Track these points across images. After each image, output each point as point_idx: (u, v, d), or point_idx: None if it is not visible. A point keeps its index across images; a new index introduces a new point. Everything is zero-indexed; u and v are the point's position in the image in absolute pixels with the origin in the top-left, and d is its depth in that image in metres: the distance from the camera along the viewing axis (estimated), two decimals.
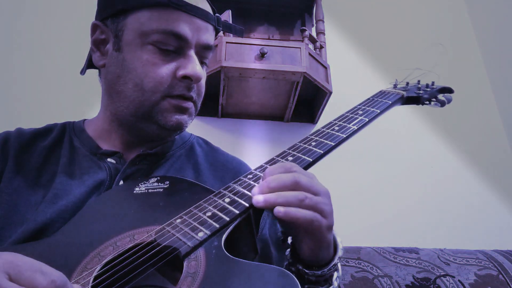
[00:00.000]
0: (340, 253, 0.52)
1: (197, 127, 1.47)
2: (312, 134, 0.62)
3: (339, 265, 0.52)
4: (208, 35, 0.63)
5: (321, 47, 1.55)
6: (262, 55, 1.37)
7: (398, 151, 1.61)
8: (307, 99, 1.57)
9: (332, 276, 0.51)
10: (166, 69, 0.60)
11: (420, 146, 1.63)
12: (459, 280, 0.95)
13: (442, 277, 0.96)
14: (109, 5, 0.63)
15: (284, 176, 0.48)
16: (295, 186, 0.48)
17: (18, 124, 0.70)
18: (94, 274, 0.41)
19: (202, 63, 0.65)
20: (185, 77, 0.60)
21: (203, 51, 0.64)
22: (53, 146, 0.65)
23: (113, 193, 0.57)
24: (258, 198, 0.47)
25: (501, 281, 0.96)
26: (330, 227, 0.49)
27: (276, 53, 1.40)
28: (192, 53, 0.61)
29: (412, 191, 1.52)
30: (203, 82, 0.66)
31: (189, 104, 0.63)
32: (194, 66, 0.60)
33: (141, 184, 0.57)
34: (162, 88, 0.60)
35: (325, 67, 1.51)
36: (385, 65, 1.75)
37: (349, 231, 1.39)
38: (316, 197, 0.48)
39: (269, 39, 1.61)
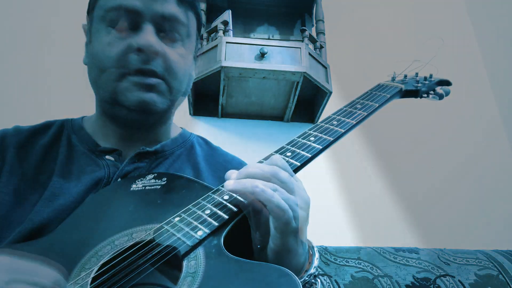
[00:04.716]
0: (312, 269, 0.47)
1: (197, 127, 1.47)
2: (310, 129, 0.60)
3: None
4: (166, 5, 0.60)
5: (321, 47, 1.55)
6: (262, 55, 1.37)
7: (398, 150, 1.61)
8: (307, 99, 1.57)
9: None
10: (121, 45, 0.58)
11: (420, 145, 1.63)
12: (459, 280, 0.95)
13: (442, 277, 0.95)
14: (88, 3, 0.65)
15: (264, 166, 0.46)
16: (271, 178, 0.45)
17: (18, 122, 0.69)
18: (92, 275, 0.41)
19: (169, 39, 0.62)
20: (139, 50, 0.57)
21: (165, 23, 0.60)
22: (51, 143, 0.64)
23: (110, 190, 0.56)
24: (229, 183, 0.46)
25: (501, 281, 0.95)
26: (295, 232, 0.44)
27: (276, 53, 1.40)
28: (147, 25, 0.59)
29: (412, 191, 1.52)
30: (174, 58, 0.61)
31: (154, 80, 0.59)
32: (145, 36, 0.57)
33: (138, 181, 0.56)
34: (117, 65, 0.58)
35: (325, 67, 1.51)
36: (385, 65, 1.75)
37: (349, 231, 1.40)
38: (290, 195, 0.44)
39: (269, 39, 1.61)
